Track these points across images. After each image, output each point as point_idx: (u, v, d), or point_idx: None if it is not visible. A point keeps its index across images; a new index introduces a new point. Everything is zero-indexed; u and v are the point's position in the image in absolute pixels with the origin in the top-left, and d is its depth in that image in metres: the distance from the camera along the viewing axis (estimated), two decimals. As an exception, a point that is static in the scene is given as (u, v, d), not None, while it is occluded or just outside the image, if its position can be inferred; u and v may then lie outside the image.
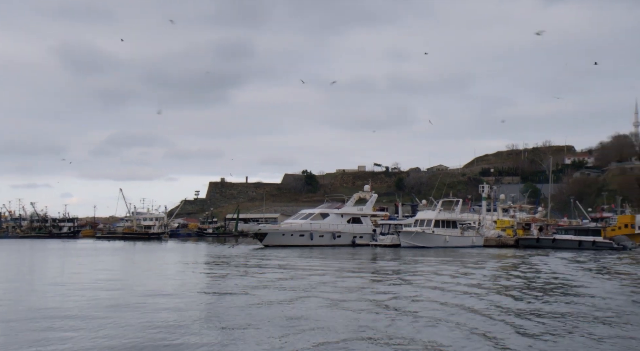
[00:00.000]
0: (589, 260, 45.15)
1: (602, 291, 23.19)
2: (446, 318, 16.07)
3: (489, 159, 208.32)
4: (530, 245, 66.22)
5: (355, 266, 37.28)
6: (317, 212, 68.09)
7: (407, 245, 60.80)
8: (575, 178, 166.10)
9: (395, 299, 20.40)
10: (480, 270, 33.83)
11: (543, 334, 14.15)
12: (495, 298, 20.51)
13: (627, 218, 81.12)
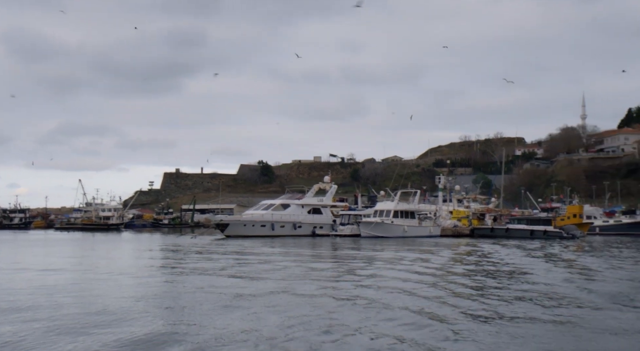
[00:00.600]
0: (538, 248, 47.07)
1: (548, 277, 24.33)
2: (397, 304, 16.50)
3: (442, 150, 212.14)
4: (484, 234, 68.35)
5: (314, 255, 38.44)
6: (278, 202, 68.86)
7: (367, 235, 62.08)
8: (526, 169, 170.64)
9: (348, 285, 21.31)
10: (435, 258, 35.06)
11: (490, 317, 14.81)
12: (448, 285, 21.22)
13: (575, 208, 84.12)
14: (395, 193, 70.52)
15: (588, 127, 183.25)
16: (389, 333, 12.60)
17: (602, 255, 39.10)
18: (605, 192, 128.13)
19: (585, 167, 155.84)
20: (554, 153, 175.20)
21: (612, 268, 28.94)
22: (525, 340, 12.15)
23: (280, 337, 11.98)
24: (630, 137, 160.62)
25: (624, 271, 27.35)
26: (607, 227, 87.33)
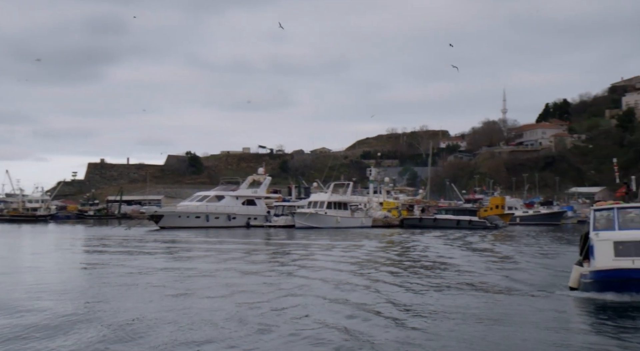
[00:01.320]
0: (463, 238, 49.72)
1: (471, 265, 26.00)
2: (325, 293, 17.21)
3: (370, 142, 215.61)
4: (414, 224, 70.83)
5: (249, 245, 39.53)
6: (213, 194, 69.14)
7: (301, 226, 63.35)
8: (450, 162, 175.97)
9: (279, 272, 22.57)
10: (366, 248, 36.75)
11: (416, 304, 15.81)
12: (378, 275, 22.05)
13: (498, 199, 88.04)
14: (328, 185, 72.10)
15: (509, 121, 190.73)
16: (315, 321, 13.05)
17: (522, 244, 41.78)
18: (524, 183, 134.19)
19: (506, 159, 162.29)
20: (476, 146, 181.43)
21: (532, 256, 30.97)
22: (449, 327, 12.65)
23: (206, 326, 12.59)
24: (548, 131, 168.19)
25: (546, 259, 29.30)
26: (527, 217, 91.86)
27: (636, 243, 15.54)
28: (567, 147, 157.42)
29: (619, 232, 16.07)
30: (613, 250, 15.77)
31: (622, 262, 15.38)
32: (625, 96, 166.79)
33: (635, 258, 15.30)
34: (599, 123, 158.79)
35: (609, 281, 15.51)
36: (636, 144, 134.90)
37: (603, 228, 16.62)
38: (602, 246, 15.98)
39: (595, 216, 17.16)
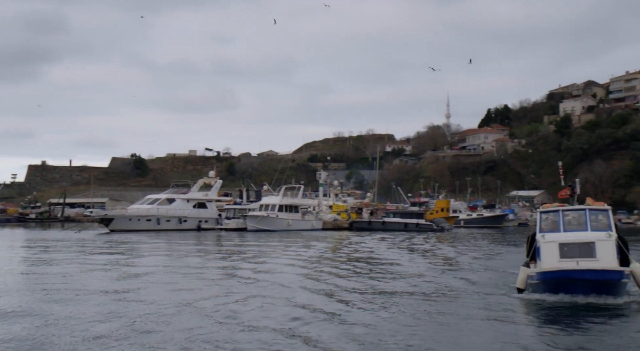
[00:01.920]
0: (411, 240, 50.98)
1: (419, 267, 26.73)
2: (273, 294, 17.43)
3: (317, 146, 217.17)
4: (363, 227, 72.26)
5: (198, 248, 40.14)
6: (164, 197, 69.00)
7: (253, 229, 63.95)
8: (395, 165, 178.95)
9: (228, 273, 22.93)
10: (315, 249, 37.69)
11: (360, 301, 16.36)
12: (327, 277, 22.20)
13: (443, 202, 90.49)
14: (279, 189, 72.96)
15: (452, 125, 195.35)
16: (260, 324, 13.20)
17: (468, 246, 43.14)
18: (468, 187, 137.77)
19: (450, 163, 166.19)
20: (421, 150, 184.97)
21: (478, 258, 31.90)
22: (395, 328, 12.72)
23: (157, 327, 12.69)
24: (490, 136, 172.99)
25: (492, 261, 30.25)
26: (471, 220, 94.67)
27: (581, 244, 15.93)
28: (508, 151, 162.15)
29: (564, 234, 16.40)
30: (558, 252, 16.02)
31: (567, 263, 15.66)
32: (562, 102, 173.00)
33: (580, 260, 15.63)
34: (538, 128, 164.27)
35: (555, 282, 15.82)
36: (573, 149, 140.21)
37: (549, 230, 16.86)
38: (548, 248, 16.25)
39: (542, 218, 17.38)
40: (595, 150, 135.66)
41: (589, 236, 16.05)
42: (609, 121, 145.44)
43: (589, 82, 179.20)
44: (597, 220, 16.60)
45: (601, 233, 16.05)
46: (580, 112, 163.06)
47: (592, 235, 16.06)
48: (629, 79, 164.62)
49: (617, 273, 15.39)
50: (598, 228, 16.33)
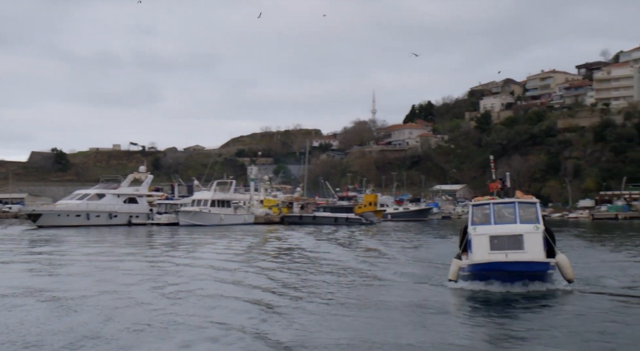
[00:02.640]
0: (342, 233, 52.07)
1: (344, 257, 27.77)
2: (202, 289, 17.42)
3: (244, 140, 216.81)
4: (294, 221, 73.48)
5: (129, 242, 40.27)
6: (93, 192, 68.03)
7: (185, 224, 64.09)
8: (322, 160, 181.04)
9: (158, 267, 23.07)
10: (245, 243, 38.35)
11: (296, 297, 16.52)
12: (258, 270, 22.41)
13: (371, 197, 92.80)
14: (211, 184, 73.27)
15: (378, 121, 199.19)
16: (193, 315, 13.26)
17: (397, 239, 44.23)
18: (393, 181, 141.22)
19: (376, 158, 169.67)
20: (348, 145, 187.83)
21: (408, 250, 32.85)
22: (327, 319, 12.80)
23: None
24: (414, 132, 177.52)
25: (422, 253, 31.07)
26: (398, 214, 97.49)
27: (510, 237, 16.31)
28: (432, 146, 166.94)
29: (494, 227, 16.74)
30: (489, 244, 16.34)
31: (497, 255, 16.00)
32: (482, 99, 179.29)
33: (509, 252, 16.00)
34: (460, 124, 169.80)
35: (485, 274, 16.22)
36: (492, 145, 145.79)
37: (480, 222, 17.16)
38: (479, 240, 16.55)
39: (473, 211, 17.68)
40: (513, 146, 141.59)
41: (518, 229, 16.50)
42: (525, 118, 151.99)
43: (507, 80, 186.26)
44: (526, 213, 17.06)
45: (529, 226, 16.52)
46: (499, 109, 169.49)
47: (521, 227, 16.50)
48: (544, 78, 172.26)
49: (544, 264, 16.05)
50: (527, 221, 16.78)
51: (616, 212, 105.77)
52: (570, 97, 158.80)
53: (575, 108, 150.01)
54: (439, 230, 62.99)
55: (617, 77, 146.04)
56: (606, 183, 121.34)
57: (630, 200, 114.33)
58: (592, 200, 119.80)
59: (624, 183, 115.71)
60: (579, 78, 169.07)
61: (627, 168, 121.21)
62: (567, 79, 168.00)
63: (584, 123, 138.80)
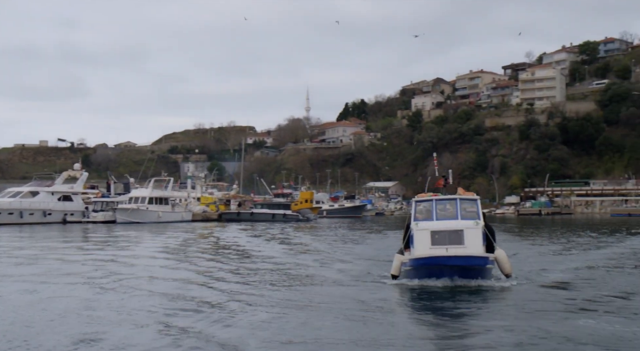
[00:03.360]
0: (279, 230, 52.44)
1: (283, 254, 27.91)
2: (141, 287, 17.23)
3: (177, 137, 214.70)
4: (231, 218, 73.93)
5: (63, 240, 39.91)
6: (27, 189, 66.56)
7: (123, 221, 63.65)
8: (257, 157, 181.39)
9: (91, 265, 22.90)
10: (180, 240, 38.45)
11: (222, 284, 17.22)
12: (197, 268, 22.24)
13: (307, 194, 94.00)
14: (149, 181, 73.00)
15: (312, 118, 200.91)
16: (118, 314, 13.03)
17: (335, 236, 44.58)
18: (327, 178, 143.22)
19: (310, 155, 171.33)
20: (282, 142, 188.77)
21: (347, 246, 33.10)
22: (265, 318, 12.48)
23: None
24: (348, 129, 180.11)
25: (360, 249, 31.41)
26: (333, 211, 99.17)
27: (450, 232, 16.74)
28: (365, 144, 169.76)
29: (436, 222, 17.15)
30: (430, 239, 16.72)
31: (438, 250, 16.37)
32: (414, 98, 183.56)
33: (449, 246, 16.38)
34: (392, 123, 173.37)
35: (426, 268, 16.50)
36: (423, 143, 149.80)
37: (423, 218, 17.50)
38: (421, 235, 16.92)
39: (416, 207, 18.00)
40: (444, 144, 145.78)
41: (458, 224, 16.95)
42: (455, 116, 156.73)
43: (437, 79, 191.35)
44: (467, 209, 17.50)
45: (469, 222, 16.98)
46: (430, 108, 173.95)
47: (461, 223, 16.96)
48: (472, 78, 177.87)
49: (482, 259, 16.44)
50: (467, 216, 17.22)
51: (540, 207, 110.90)
52: (497, 96, 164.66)
53: (501, 108, 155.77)
54: (374, 226, 64.57)
55: (541, 78, 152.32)
56: (530, 180, 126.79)
57: (552, 196, 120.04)
58: (517, 196, 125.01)
59: (547, 180, 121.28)
60: (505, 78, 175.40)
61: (550, 166, 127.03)
62: (494, 79, 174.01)
63: (510, 122, 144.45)
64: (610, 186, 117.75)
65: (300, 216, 76.61)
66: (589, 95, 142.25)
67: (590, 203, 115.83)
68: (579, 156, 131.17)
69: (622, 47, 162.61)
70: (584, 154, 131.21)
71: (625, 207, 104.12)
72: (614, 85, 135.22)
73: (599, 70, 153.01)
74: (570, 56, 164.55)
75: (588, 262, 23.05)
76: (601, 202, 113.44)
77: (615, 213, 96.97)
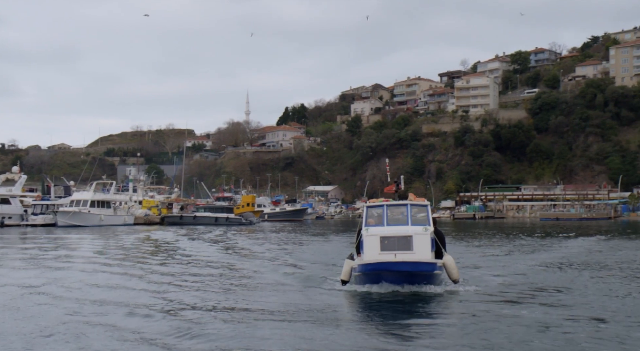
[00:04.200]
0: (223, 234, 52.66)
1: (227, 258, 28.17)
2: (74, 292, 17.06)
3: (113, 139, 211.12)
4: (174, 222, 74.04)
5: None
6: (-38, 193, 65.25)
7: (64, 224, 63.02)
8: (196, 160, 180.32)
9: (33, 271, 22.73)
10: (121, 244, 38.92)
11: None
12: (140, 273, 22.08)
13: (249, 198, 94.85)
14: (90, 184, 72.38)
15: (252, 122, 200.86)
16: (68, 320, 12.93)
17: (278, 240, 44.93)
18: (268, 182, 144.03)
19: (250, 159, 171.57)
20: (222, 145, 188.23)
21: (292, 251, 33.20)
22: (208, 323, 12.41)
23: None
24: (288, 134, 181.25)
25: (308, 254, 31.24)
26: (275, 214, 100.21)
27: (399, 238, 16.64)
28: (305, 148, 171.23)
29: (386, 228, 17.04)
30: (379, 245, 16.59)
31: (386, 255, 16.26)
32: (353, 103, 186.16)
33: (398, 252, 16.29)
34: (332, 127, 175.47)
35: (375, 274, 16.42)
36: (363, 147, 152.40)
37: (374, 224, 17.41)
38: (370, 241, 16.79)
39: (368, 212, 17.93)
40: (382, 149, 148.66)
41: (408, 230, 16.93)
42: (393, 122, 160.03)
43: (376, 85, 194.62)
44: (417, 215, 17.62)
45: (418, 228, 17.00)
46: (368, 113, 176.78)
47: (411, 229, 16.96)
48: (410, 84, 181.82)
49: (430, 265, 16.41)
50: (417, 222, 17.29)
51: (474, 212, 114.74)
52: (434, 103, 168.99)
53: (438, 114, 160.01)
54: (316, 229, 65.69)
55: (475, 85, 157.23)
56: (465, 185, 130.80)
57: (486, 201, 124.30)
58: (452, 201, 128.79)
59: (481, 186, 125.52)
60: (442, 85, 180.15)
61: (484, 171, 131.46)
62: (430, 86, 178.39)
63: (446, 129, 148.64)
64: (539, 191, 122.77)
65: (243, 219, 77.31)
66: (521, 103, 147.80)
67: (521, 208, 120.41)
68: (511, 162, 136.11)
69: (551, 57, 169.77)
70: (515, 160, 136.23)
71: (553, 211, 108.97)
72: (544, 94, 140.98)
73: (530, 79, 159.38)
74: (503, 65, 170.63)
75: (528, 263, 24.28)
76: (531, 207, 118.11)
77: (544, 218, 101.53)
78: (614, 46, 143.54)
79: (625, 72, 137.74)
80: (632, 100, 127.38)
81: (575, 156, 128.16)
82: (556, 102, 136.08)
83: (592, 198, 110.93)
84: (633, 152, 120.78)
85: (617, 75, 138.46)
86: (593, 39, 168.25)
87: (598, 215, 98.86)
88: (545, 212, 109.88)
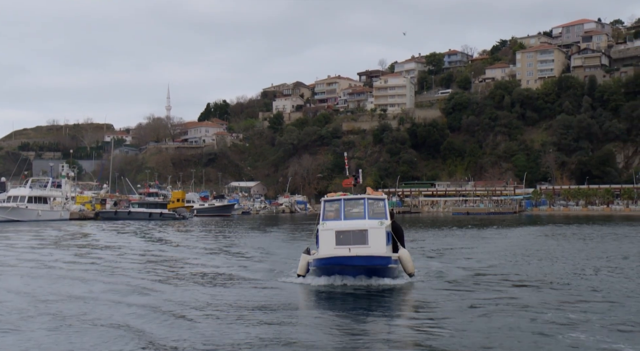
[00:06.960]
0: (158, 229, 54.20)
1: (176, 252, 29.06)
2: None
3: (28, 133, 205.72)
4: (109, 217, 75.77)
5: None
6: None
7: (1, 219, 64.07)
8: (116, 155, 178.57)
9: None
10: (54, 239, 40.01)
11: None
12: (82, 267, 22.69)
13: (179, 193, 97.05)
14: (27, 180, 73.31)
15: (174, 118, 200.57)
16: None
17: (216, 234, 45.55)
18: (191, 178, 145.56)
19: (172, 155, 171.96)
20: (143, 141, 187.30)
21: (231, 245, 33.47)
22: (153, 318, 12.59)
23: None
24: (210, 130, 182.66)
25: (250, 248, 31.16)
26: (204, 209, 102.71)
27: (355, 232, 16.86)
28: (227, 145, 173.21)
29: (343, 222, 17.32)
30: (335, 239, 16.83)
31: (341, 250, 16.40)
32: (275, 100, 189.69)
33: (352, 246, 16.41)
34: (254, 124, 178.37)
35: (330, 268, 16.61)
36: (284, 144, 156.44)
37: (332, 218, 17.74)
38: (326, 235, 17.02)
39: (325, 207, 18.28)
40: (304, 146, 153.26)
41: (364, 224, 17.21)
42: (314, 120, 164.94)
43: (297, 83, 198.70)
44: (374, 209, 18.04)
45: (374, 222, 17.27)
46: (290, 110, 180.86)
47: (367, 223, 17.25)
48: (330, 83, 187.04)
49: (385, 258, 16.52)
50: (374, 216, 17.65)
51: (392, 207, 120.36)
52: (354, 101, 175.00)
53: (357, 113, 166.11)
54: (245, 224, 68.01)
55: (393, 85, 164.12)
56: (383, 181, 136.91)
57: (403, 196, 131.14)
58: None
59: (398, 182, 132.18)
60: (361, 85, 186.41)
61: (401, 168, 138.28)
62: (350, 85, 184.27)
63: (365, 127, 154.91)
64: (452, 187, 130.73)
65: (176, 214, 79.84)
66: (435, 103, 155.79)
67: (435, 203, 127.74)
68: (426, 159, 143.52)
69: (463, 60, 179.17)
70: (430, 158, 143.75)
71: (465, 206, 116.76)
72: (456, 95, 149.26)
73: (444, 80, 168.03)
74: (419, 66, 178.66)
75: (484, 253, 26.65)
76: (444, 202, 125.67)
77: (456, 212, 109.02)
78: (520, 51, 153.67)
79: (530, 75, 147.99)
80: (536, 102, 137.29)
81: (485, 154, 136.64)
82: (468, 103, 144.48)
83: (500, 194, 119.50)
84: (536, 150, 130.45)
85: (522, 78, 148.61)
86: (501, 43, 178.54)
87: (504, 210, 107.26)
88: (457, 206, 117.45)
